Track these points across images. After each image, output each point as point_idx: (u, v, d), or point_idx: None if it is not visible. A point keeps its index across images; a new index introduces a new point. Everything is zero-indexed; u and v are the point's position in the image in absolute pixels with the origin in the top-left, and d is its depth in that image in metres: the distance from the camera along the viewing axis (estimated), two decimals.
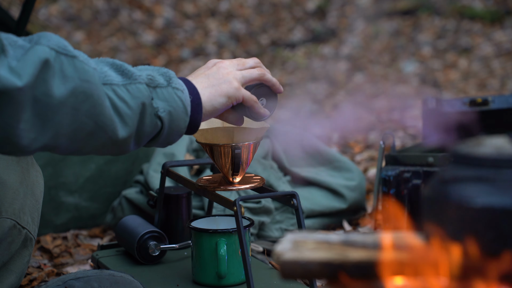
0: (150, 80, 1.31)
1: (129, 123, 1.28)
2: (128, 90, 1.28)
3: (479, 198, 1.00)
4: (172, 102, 1.32)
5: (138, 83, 1.29)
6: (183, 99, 1.34)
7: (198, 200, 2.13)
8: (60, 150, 1.25)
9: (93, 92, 1.23)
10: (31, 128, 1.18)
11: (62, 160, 2.24)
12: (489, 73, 4.76)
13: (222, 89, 1.41)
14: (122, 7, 6.36)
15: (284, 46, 5.68)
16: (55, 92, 1.19)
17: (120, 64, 1.31)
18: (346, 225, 2.24)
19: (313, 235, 1.10)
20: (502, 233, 0.99)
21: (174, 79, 1.34)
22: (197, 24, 6.21)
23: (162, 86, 1.32)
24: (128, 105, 1.27)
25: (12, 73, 1.15)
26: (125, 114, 1.27)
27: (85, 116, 1.23)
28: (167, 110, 1.32)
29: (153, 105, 1.30)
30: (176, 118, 1.33)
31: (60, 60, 1.21)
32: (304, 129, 2.43)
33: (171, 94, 1.32)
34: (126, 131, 1.28)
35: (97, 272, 1.51)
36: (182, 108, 1.34)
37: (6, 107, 1.15)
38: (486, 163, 1.03)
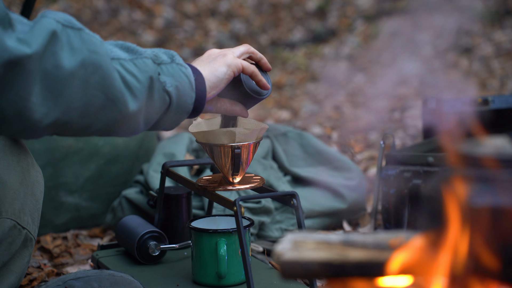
0: (154, 56, 1.33)
1: (139, 97, 1.29)
2: (136, 64, 1.29)
3: (479, 198, 1.00)
4: (178, 77, 1.34)
5: (144, 58, 1.31)
6: (187, 75, 1.36)
7: (198, 200, 2.13)
8: (71, 126, 1.25)
9: (101, 63, 1.24)
10: (43, 102, 1.19)
11: (62, 160, 2.24)
12: (489, 73, 4.76)
13: (220, 61, 1.45)
14: (122, 7, 6.36)
15: (284, 46, 5.68)
16: (65, 64, 1.19)
17: (124, 43, 1.33)
18: (346, 225, 2.24)
19: (313, 235, 1.10)
20: (502, 233, 0.99)
21: (176, 57, 1.36)
22: (197, 24, 6.21)
23: (167, 63, 1.34)
24: (137, 78, 1.28)
25: (20, 43, 1.16)
26: (135, 87, 1.28)
27: (95, 89, 1.23)
28: (174, 85, 1.33)
29: (160, 80, 1.32)
30: (183, 93, 1.35)
31: (67, 33, 1.21)
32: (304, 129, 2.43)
33: (176, 69, 1.35)
34: (136, 105, 1.28)
35: (97, 272, 1.51)
36: (188, 83, 1.36)
37: (17, 78, 1.16)
38: (486, 163, 1.03)
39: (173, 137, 2.34)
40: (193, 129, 1.61)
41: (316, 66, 5.21)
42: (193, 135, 1.61)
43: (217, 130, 1.57)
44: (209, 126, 1.65)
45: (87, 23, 6.14)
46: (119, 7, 6.36)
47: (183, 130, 3.68)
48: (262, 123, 1.61)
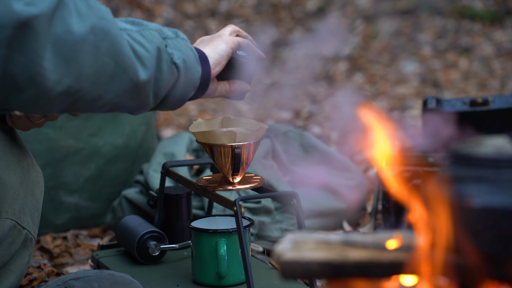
0: (160, 30, 1.35)
1: (148, 66, 1.30)
2: (143, 35, 1.30)
3: (479, 198, 1.00)
4: (184, 50, 1.36)
5: (150, 29, 1.32)
6: (192, 49, 1.38)
7: (198, 200, 2.13)
8: (83, 96, 1.25)
9: (110, 29, 1.24)
10: (55, 68, 1.18)
11: (62, 160, 2.24)
12: (489, 73, 4.76)
13: (218, 41, 1.48)
14: (122, 7, 6.36)
15: (284, 46, 5.68)
16: (75, 29, 1.19)
17: (127, 18, 1.34)
18: (346, 225, 2.24)
19: (313, 235, 1.10)
20: (502, 233, 0.99)
21: (180, 33, 1.38)
22: (197, 24, 6.21)
23: (172, 37, 1.35)
24: (145, 47, 1.29)
25: (27, 5, 1.15)
26: (144, 56, 1.29)
27: (106, 55, 1.23)
28: (181, 58, 1.35)
29: (168, 51, 1.33)
30: (190, 66, 1.37)
31: (73, 1, 1.21)
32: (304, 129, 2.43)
33: (181, 43, 1.37)
34: (146, 74, 1.29)
35: (97, 272, 1.51)
36: (194, 57, 1.38)
37: (28, 40, 1.15)
38: (486, 163, 1.03)
39: (173, 137, 2.34)
40: (193, 129, 1.61)
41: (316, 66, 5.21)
42: (193, 135, 1.61)
43: (217, 130, 1.57)
44: (209, 126, 1.65)
45: None
46: (119, 7, 6.36)
47: (183, 130, 3.68)
48: (262, 123, 1.61)
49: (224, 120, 1.67)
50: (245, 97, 1.59)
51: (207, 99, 4.60)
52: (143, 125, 2.38)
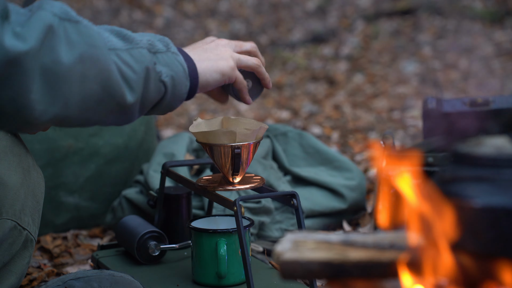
0: (150, 45, 1.32)
1: (135, 88, 1.29)
2: (132, 54, 1.29)
3: (479, 198, 1.00)
4: (173, 66, 1.34)
5: (140, 48, 1.30)
6: (182, 63, 1.36)
7: (198, 200, 2.13)
8: (70, 121, 1.25)
9: (99, 57, 1.23)
10: (42, 98, 1.18)
11: (62, 160, 2.24)
12: (489, 73, 4.76)
13: (219, 65, 1.44)
14: (122, 7, 6.36)
15: (284, 46, 5.68)
16: (63, 59, 1.19)
17: (119, 29, 1.32)
18: (346, 225, 2.24)
19: (313, 235, 1.10)
20: (502, 233, 0.99)
21: (171, 45, 1.36)
22: (197, 24, 6.21)
23: (162, 52, 1.33)
24: (133, 69, 1.28)
25: (17, 39, 1.15)
26: (131, 79, 1.28)
27: (93, 83, 1.23)
28: (169, 75, 1.33)
29: (156, 70, 1.32)
30: (178, 82, 1.35)
31: (64, 26, 1.20)
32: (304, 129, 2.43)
33: (171, 59, 1.34)
34: (133, 96, 1.28)
35: (97, 272, 1.51)
36: (183, 72, 1.36)
37: (15, 75, 1.15)
38: (486, 163, 1.03)
39: (173, 137, 2.34)
40: (193, 129, 1.61)
41: (316, 66, 5.21)
42: (193, 135, 1.61)
43: (217, 130, 1.57)
44: (209, 126, 1.65)
45: None
46: (119, 7, 6.36)
47: (183, 130, 3.68)
48: (262, 123, 1.61)
49: (224, 120, 1.67)
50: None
51: (207, 99, 4.60)
52: (143, 125, 2.39)
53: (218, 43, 1.49)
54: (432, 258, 1.05)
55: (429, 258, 1.05)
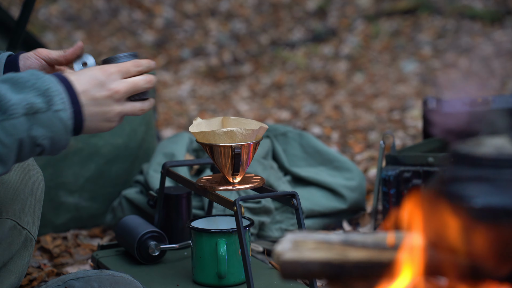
0: (28, 108, 1.24)
1: (5, 161, 1.24)
2: (3, 127, 1.22)
3: (479, 198, 1.00)
4: (52, 127, 1.26)
5: (13, 119, 1.22)
6: (64, 121, 1.27)
7: (198, 200, 2.13)
8: None
9: None
10: None
11: (62, 160, 2.24)
12: (489, 73, 4.76)
13: (102, 127, 1.36)
14: (122, 7, 6.36)
15: (284, 46, 5.68)
16: None
17: (3, 81, 1.25)
18: (346, 225, 2.24)
19: (313, 235, 1.10)
20: (502, 233, 0.99)
21: (55, 99, 1.26)
22: (197, 24, 6.21)
23: (42, 111, 1.25)
24: (4, 143, 1.22)
25: None
26: (2, 153, 1.22)
27: None
28: (47, 137, 1.26)
29: (32, 135, 1.24)
30: (57, 141, 1.28)
31: None
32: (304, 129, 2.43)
33: (51, 119, 1.26)
34: (3, 168, 1.24)
35: (97, 272, 1.51)
36: (63, 130, 1.28)
37: None
38: (486, 163, 1.03)
39: (173, 137, 2.34)
40: (193, 129, 1.61)
41: (316, 66, 5.21)
42: (193, 135, 1.61)
43: (217, 130, 1.57)
44: (209, 126, 1.65)
45: (87, 23, 6.15)
46: (119, 7, 6.36)
47: (183, 130, 3.68)
48: (262, 123, 1.61)
49: (224, 120, 1.67)
50: None
51: (207, 99, 4.60)
52: (143, 125, 2.38)
53: (112, 95, 1.36)
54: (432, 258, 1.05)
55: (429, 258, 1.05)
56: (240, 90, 4.79)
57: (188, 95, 4.74)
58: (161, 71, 5.29)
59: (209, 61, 5.52)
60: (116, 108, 1.35)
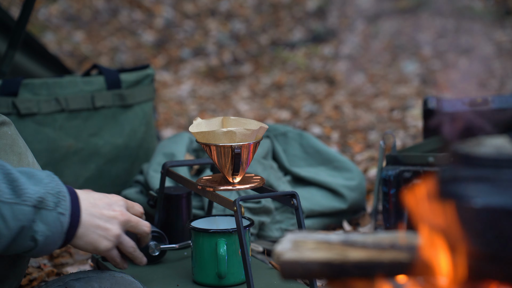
0: (39, 201, 1.30)
1: (2, 242, 1.27)
2: (13, 210, 1.26)
3: (479, 198, 1.00)
4: (53, 227, 1.31)
5: (24, 205, 1.27)
6: (64, 225, 1.33)
7: (198, 200, 2.13)
8: None
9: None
10: None
11: (62, 160, 2.24)
12: (489, 73, 4.76)
13: (99, 244, 1.41)
14: (122, 7, 6.36)
15: (284, 46, 5.68)
16: None
17: (16, 177, 1.29)
18: (346, 225, 2.24)
19: (313, 235, 1.10)
20: (502, 233, 0.99)
21: (62, 203, 1.33)
22: (197, 24, 6.21)
23: (49, 209, 1.31)
24: (7, 225, 1.26)
25: None
26: (1, 234, 1.26)
27: None
28: (45, 235, 1.31)
29: (32, 228, 1.29)
30: (51, 241, 1.33)
31: None
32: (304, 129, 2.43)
33: (54, 219, 1.31)
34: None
35: (97, 273, 1.51)
36: (60, 234, 1.33)
37: None
38: (486, 163, 1.03)
39: (173, 137, 2.34)
40: (193, 129, 1.61)
41: (316, 66, 5.21)
42: (193, 135, 1.61)
43: (217, 130, 1.57)
44: (209, 126, 1.65)
45: (87, 23, 6.15)
46: (119, 7, 6.36)
47: (183, 130, 3.68)
48: (262, 123, 1.61)
49: (224, 120, 1.67)
50: None
51: (207, 99, 4.60)
52: (143, 125, 2.38)
53: (117, 216, 1.44)
54: (432, 258, 1.05)
55: (429, 258, 1.05)
56: (240, 90, 4.79)
57: (188, 95, 4.74)
58: (161, 71, 5.29)
59: (209, 61, 5.52)
60: (117, 229, 1.42)
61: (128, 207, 1.49)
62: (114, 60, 5.54)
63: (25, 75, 2.51)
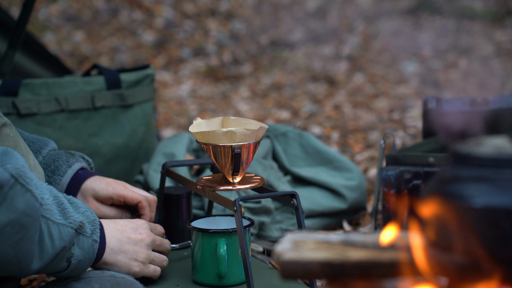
0: (80, 226, 1.40)
1: (45, 260, 1.34)
2: (60, 230, 1.35)
3: (479, 198, 1.00)
4: (87, 252, 1.43)
5: (69, 227, 1.37)
6: (95, 251, 1.46)
7: (198, 200, 2.13)
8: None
9: (30, 227, 1.29)
10: None
11: None
12: (489, 73, 4.76)
13: (132, 267, 1.57)
14: (122, 7, 6.36)
15: (284, 46, 5.68)
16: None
17: (63, 201, 1.38)
18: (346, 225, 2.24)
19: (313, 235, 1.10)
20: (502, 233, 0.99)
21: (97, 230, 1.45)
22: (197, 24, 6.21)
23: (86, 236, 1.42)
24: (54, 244, 1.34)
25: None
26: (47, 252, 1.34)
27: (10, 246, 1.28)
28: (79, 258, 1.41)
29: (71, 250, 1.39)
30: (82, 265, 1.44)
31: (15, 189, 1.25)
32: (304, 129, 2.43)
33: (89, 245, 1.43)
34: (38, 265, 1.34)
35: (98, 273, 1.51)
36: (91, 258, 1.45)
37: None
38: (486, 163, 1.03)
39: (173, 137, 2.34)
40: (193, 129, 1.61)
41: (316, 66, 5.21)
42: (193, 135, 1.61)
43: (217, 130, 1.57)
44: (209, 126, 1.65)
45: (87, 23, 6.14)
46: (119, 7, 6.36)
47: (183, 130, 3.68)
48: (262, 123, 1.61)
49: (224, 120, 1.67)
50: None
51: (207, 99, 4.61)
52: (143, 125, 2.38)
53: (144, 239, 1.57)
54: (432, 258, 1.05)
55: (429, 258, 1.05)
56: (240, 90, 4.79)
57: (188, 95, 4.74)
58: (161, 71, 5.28)
59: (209, 61, 5.52)
60: (145, 250, 1.56)
61: (152, 229, 1.62)
62: (114, 60, 5.54)
63: (25, 75, 2.51)
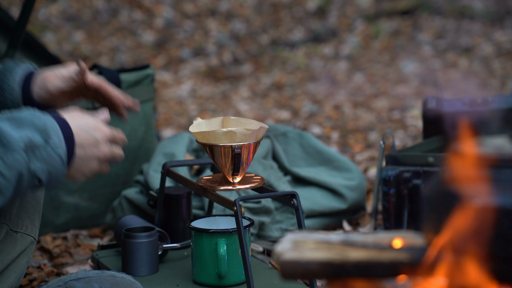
0: (28, 143, 1.30)
1: (5, 193, 1.29)
2: (4, 161, 1.28)
3: (479, 198, 1.00)
4: (50, 161, 1.32)
5: (15, 152, 1.29)
6: (61, 155, 1.34)
7: (198, 200, 2.13)
8: None
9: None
10: None
11: None
12: (489, 73, 4.76)
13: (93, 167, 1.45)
14: (122, 7, 6.36)
15: (284, 46, 5.68)
16: None
17: (5, 120, 1.30)
18: (346, 225, 2.24)
19: (313, 235, 1.10)
20: (502, 233, 0.99)
21: (52, 134, 1.33)
22: (197, 24, 6.21)
23: (41, 146, 1.31)
24: (4, 176, 1.28)
25: None
26: (1, 185, 1.28)
27: None
28: (45, 171, 1.32)
29: (31, 169, 1.30)
30: (54, 174, 1.34)
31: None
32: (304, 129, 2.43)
33: (49, 153, 1.32)
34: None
35: (98, 273, 1.51)
36: (60, 163, 1.34)
37: None
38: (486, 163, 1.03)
39: (173, 137, 2.34)
40: (193, 129, 1.61)
41: (316, 66, 5.21)
42: (193, 135, 1.62)
43: (217, 130, 1.57)
44: (209, 126, 1.65)
45: (87, 23, 6.14)
46: (119, 7, 6.36)
47: (183, 130, 3.68)
48: (262, 123, 1.61)
49: (224, 120, 1.67)
50: None
51: (207, 99, 4.60)
52: (143, 125, 2.38)
53: (98, 139, 1.45)
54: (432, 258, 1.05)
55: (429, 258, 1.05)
56: (240, 90, 4.79)
57: (188, 95, 4.74)
58: (161, 71, 5.29)
59: (209, 61, 5.52)
60: (106, 147, 1.45)
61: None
62: (114, 60, 5.54)
63: None
